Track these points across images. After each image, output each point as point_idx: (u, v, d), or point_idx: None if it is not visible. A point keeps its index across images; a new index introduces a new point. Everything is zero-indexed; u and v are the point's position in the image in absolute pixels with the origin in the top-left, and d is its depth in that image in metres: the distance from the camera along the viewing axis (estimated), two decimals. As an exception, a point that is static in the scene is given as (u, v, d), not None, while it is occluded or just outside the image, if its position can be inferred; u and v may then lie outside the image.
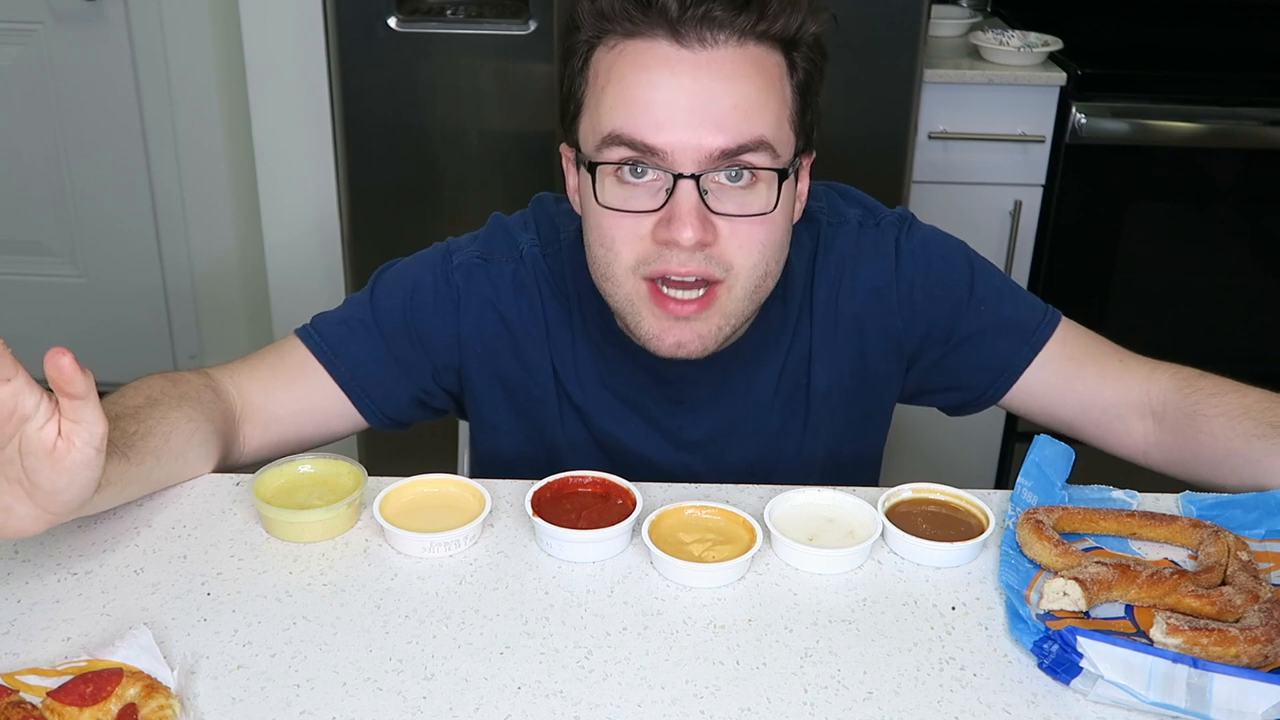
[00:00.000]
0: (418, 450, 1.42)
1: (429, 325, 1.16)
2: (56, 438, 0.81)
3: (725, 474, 1.16)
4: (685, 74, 0.97)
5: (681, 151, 0.97)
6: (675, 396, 1.16)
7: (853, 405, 1.20)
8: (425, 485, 1.03)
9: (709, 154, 0.97)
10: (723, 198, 0.99)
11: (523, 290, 1.16)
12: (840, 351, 1.17)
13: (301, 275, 2.48)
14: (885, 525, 0.99)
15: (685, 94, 0.97)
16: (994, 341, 1.17)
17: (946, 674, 0.85)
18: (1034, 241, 2.38)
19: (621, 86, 0.98)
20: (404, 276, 1.18)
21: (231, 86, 2.67)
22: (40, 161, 2.85)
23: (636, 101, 0.98)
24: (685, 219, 0.97)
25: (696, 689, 0.83)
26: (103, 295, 2.97)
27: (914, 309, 1.16)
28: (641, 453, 1.18)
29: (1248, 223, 2.41)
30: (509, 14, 2.10)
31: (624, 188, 1.01)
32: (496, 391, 1.18)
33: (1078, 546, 0.97)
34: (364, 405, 1.16)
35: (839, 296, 1.16)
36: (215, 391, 1.09)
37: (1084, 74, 2.25)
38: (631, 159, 0.99)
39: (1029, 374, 1.17)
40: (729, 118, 0.97)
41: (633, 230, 1.01)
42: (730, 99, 0.97)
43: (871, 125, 2.15)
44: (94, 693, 0.78)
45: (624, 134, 0.98)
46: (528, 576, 0.95)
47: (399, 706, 0.81)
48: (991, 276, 1.20)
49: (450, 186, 2.24)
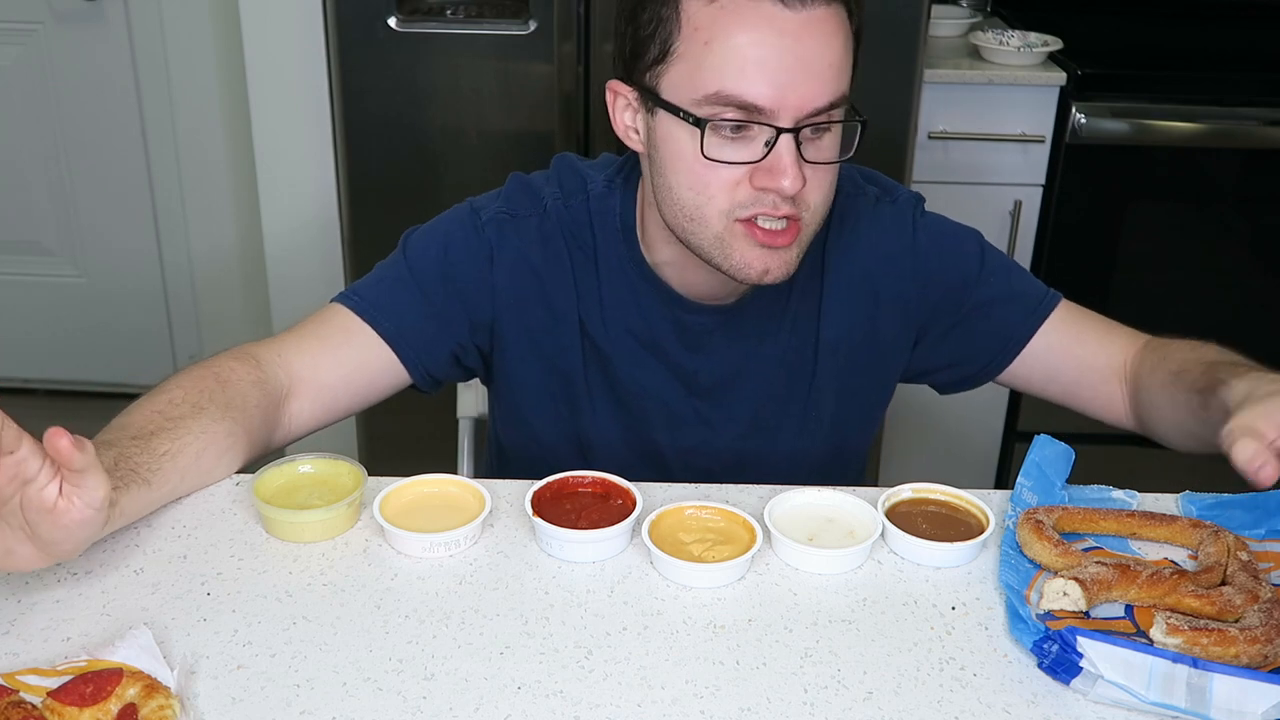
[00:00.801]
0: (418, 450, 1.42)
1: (465, 277, 1.18)
2: (58, 497, 0.84)
3: (734, 423, 1.23)
4: (789, 34, 1.01)
5: (782, 108, 1.02)
6: (693, 343, 1.20)
7: (857, 366, 1.23)
8: (425, 485, 1.03)
9: (809, 112, 1.02)
10: (810, 147, 1.04)
11: (549, 242, 1.19)
12: (852, 309, 1.21)
13: (302, 276, 2.48)
14: (885, 525, 0.99)
15: (791, 55, 1.01)
16: (1003, 310, 1.23)
17: (946, 674, 0.85)
18: (1034, 241, 2.38)
19: (730, 45, 1.01)
20: (435, 232, 1.21)
21: (231, 86, 2.67)
22: (40, 161, 2.85)
23: (749, 62, 1.01)
24: (788, 170, 1.02)
25: (696, 689, 0.83)
26: (103, 295, 2.97)
27: (928, 278, 1.22)
28: (658, 395, 1.22)
29: (1248, 223, 2.41)
30: (509, 14, 2.10)
31: (723, 141, 1.04)
32: (525, 344, 1.21)
33: (1077, 546, 0.97)
34: (408, 358, 1.18)
35: (853, 258, 1.21)
36: (262, 386, 1.09)
37: (1084, 74, 2.25)
38: (739, 120, 1.03)
39: (1035, 341, 1.23)
40: (826, 77, 1.02)
41: (729, 178, 1.05)
42: (827, 58, 1.02)
43: (871, 125, 2.15)
44: (94, 693, 0.78)
45: (734, 95, 1.02)
46: (528, 576, 0.95)
47: (399, 706, 0.81)
48: (999, 256, 1.26)
49: (450, 186, 2.24)
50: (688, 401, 1.22)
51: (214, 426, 1.03)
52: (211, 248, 2.91)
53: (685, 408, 1.23)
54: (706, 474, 1.16)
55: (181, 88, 2.76)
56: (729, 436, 1.24)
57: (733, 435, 1.23)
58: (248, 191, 2.71)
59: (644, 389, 1.22)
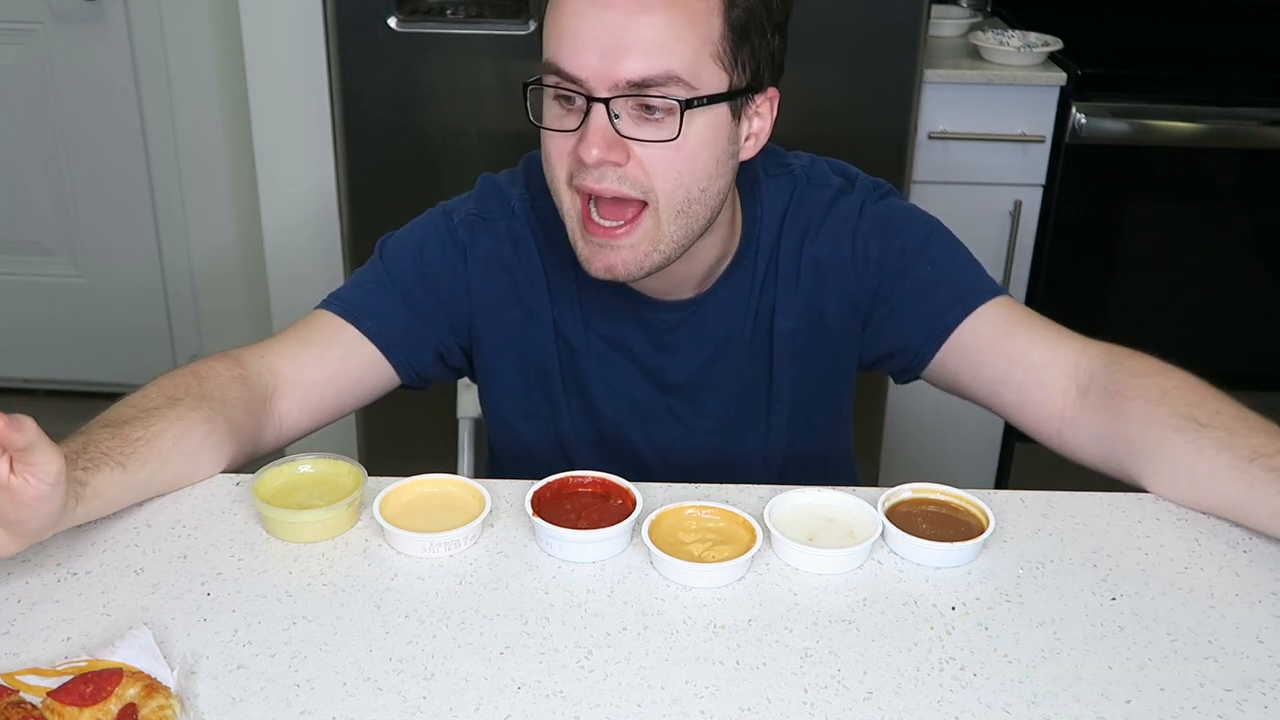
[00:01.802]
0: (417, 450, 1.42)
1: (441, 277, 1.20)
2: (9, 475, 0.84)
3: (706, 419, 1.23)
4: (606, 6, 1.02)
5: (596, 79, 1.03)
6: (659, 340, 1.21)
7: (812, 355, 1.23)
8: (425, 485, 1.03)
9: (618, 83, 1.03)
10: (632, 124, 1.04)
11: (520, 243, 1.21)
12: (800, 298, 1.21)
13: (302, 276, 2.48)
14: (885, 525, 0.99)
15: (601, 25, 1.02)
16: (932, 297, 1.18)
17: (946, 674, 0.85)
18: (1034, 241, 2.37)
19: (556, 16, 1.05)
20: (409, 237, 1.24)
21: (231, 86, 2.67)
22: (40, 161, 2.85)
23: (564, 32, 1.04)
24: (591, 139, 1.03)
25: (696, 689, 0.83)
26: (103, 295, 2.97)
27: (866, 265, 1.20)
28: (629, 394, 1.23)
29: (1248, 223, 2.41)
30: (509, 14, 2.10)
31: (558, 109, 1.07)
32: (501, 345, 1.23)
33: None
34: (393, 355, 1.19)
35: (803, 247, 1.20)
36: (244, 381, 1.10)
37: (1084, 74, 2.25)
38: (560, 87, 1.05)
39: (960, 332, 1.17)
40: (637, 49, 1.02)
41: (562, 147, 1.07)
42: (640, 31, 1.02)
43: (871, 125, 2.15)
44: (94, 693, 0.78)
45: (552, 62, 1.05)
46: (528, 576, 0.95)
47: (399, 706, 0.81)
48: (949, 246, 1.22)
49: (450, 186, 2.22)
50: (660, 399, 1.23)
51: (189, 414, 1.04)
52: (211, 247, 2.91)
53: (658, 405, 1.23)
54: (684, 472, 1.16)
55: (181, 88, 2.76)
56: (702, 432, 1.24)
57: (706, 431, 1.24)
58: (247, 191, 2.71)
59: (615, 388, 1.23)
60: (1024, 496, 1.08)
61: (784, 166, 1.22)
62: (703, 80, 1.04)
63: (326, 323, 1.19)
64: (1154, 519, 1.05)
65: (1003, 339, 1.16)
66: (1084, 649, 0.88)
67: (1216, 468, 1.02)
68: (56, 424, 0.83)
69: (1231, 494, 1.02)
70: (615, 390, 1.23)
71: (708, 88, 1.04)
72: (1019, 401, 1.15)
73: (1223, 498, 1.03)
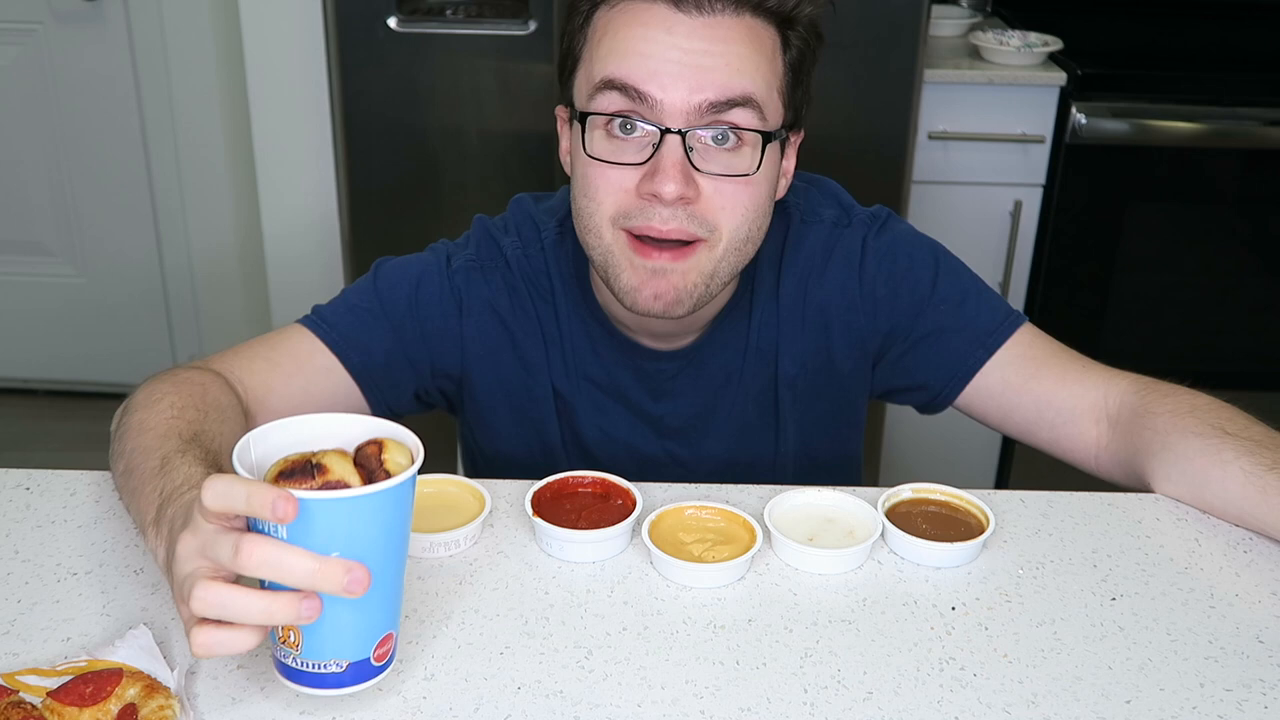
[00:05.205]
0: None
1: (434, 321, 1.17)
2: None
3: (708, 463, 1.19)
4: (680, 33, 0.99)
5: (670, 104, 0.99)
6: (657, 389, 1.19)
7: (820, 398, 1.21)
8: (425, 485, 1.03)
9: (697, 107, 0.99)
10: (708, 158, 1.01)
11: (514, 293, 1.18)
12: (806, 343, 1.18)
13: (302, 276, 2.48)
14: (885, 525, 0.99)
15: (678, 49, 0.99)
16: (951, 341, 1.16)
17: (946, 674, 0.85)
18: (1034, 241, 2.38)
19: (617, 38, 1.00)
20: (408, 269, 1.18)
21: (231, 86, 2.67)
22: (40, 161, 2.85)
23: (631, 50, 1.00)
24: (669, 172, 0.99)
25: (696, 689, 0.83)
26: (103, 295, 2.97)
27: (876, 306, 1.17)
28: (626, 442, 1.20)
29: (1248, 223, 2.41)
30: (509, 14, 2.10)
31: (612, 141, 1.02)
32: (497, 395, 1.20)
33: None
34: (371, 393, 1.15)
35: (807, 290, 1.17)
36: (230, 391, 1.07)
37: (1084, 74, 2.25)
38: (623, 110, 1.00)
39: (985, 375, 1.16)
40: (718, 72, 0.99)
41: (617, 182, 1.02)
42: (722, 57, 0.99)
43: (871, 125, 2.15)
44: (94, 693, 0.78)
45: (616, 78, 1.00)
46: (528, 576, 0.95)
47: (399, 706, 0.81)
48: (958, 277, 1.19)
49: (450, 187, 2.24)
50: (659, 443, 1.21)
51: (224, 398, 1.03)
52: (211, 248, 2.91)
53: (656, 450, 1.21)
54: None
55: (181, 88, 2.76)
56: (702, 475, 1.20)
57: (705, 474, 1.20)
58: (248, 191, 2.71)
59: (611, 437, 1.20)
60: (1024, 496, 1.08)
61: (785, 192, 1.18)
62: (770, 113, 1.02)
63: (304, 346, 1.13)
64: (1154, 519, 1.05)
65: (1030, 380, 1.15)
66: (1084, 649, 0.88)
67: (1231, 472, 1.01)
68: (57, 424, 0.83)
69: (1242, 498, 1.00)
70: (612, 439, 1.20)
71: (774, 120, 1.03)
72: (1053, 439, 1.15)
73: (1232, 501, 1.02)
